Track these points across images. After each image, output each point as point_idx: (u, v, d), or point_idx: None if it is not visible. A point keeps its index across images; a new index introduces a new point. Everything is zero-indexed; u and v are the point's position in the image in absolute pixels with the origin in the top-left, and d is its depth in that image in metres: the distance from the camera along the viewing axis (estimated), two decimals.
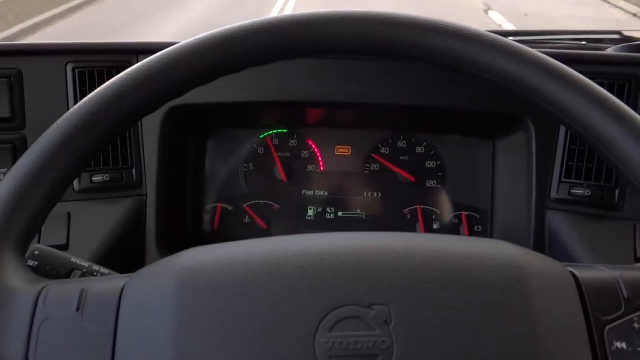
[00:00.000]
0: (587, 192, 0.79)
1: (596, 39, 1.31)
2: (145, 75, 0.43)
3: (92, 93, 0.43)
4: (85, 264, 0.46)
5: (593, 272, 0.39)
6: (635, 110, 0.43)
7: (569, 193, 0.80)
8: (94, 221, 0.80)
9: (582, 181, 0.80)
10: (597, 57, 0.83)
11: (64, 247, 0.76)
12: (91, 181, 0.83)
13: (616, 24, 5.95)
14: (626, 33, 1.33)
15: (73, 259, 0.46)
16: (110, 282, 0.39)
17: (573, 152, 0.81)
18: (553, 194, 0.81)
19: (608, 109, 0.43)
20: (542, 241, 0.82)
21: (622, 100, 0.78)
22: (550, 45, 1.23)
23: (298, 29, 0.45)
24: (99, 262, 0.71)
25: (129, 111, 0.43)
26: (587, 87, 0.43)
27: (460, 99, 0.84)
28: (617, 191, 0.79)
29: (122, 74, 0.43)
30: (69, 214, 0.80)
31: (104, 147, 0.44)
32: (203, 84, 0.45)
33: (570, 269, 0.39)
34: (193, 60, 0.43)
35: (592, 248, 0.76)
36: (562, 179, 0.81)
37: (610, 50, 0.93)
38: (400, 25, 0.45)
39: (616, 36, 1.33)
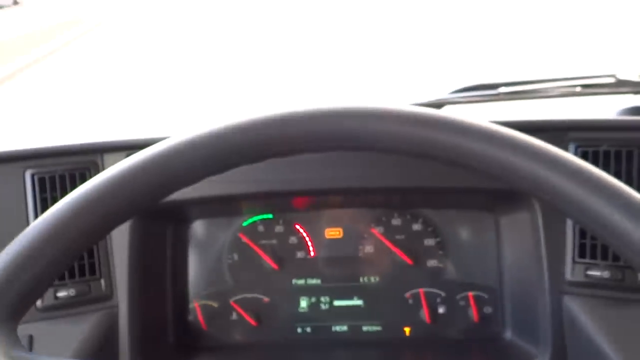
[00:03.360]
0: (606, 274, 0.71)
1: (590, 85, 1.26)
2: (126, 177, 0.42)
3: (71, 195, 0.42)
4: None
5: None
6: None
7: (585, 275, 0.72)
8: (58, 344, 0.72)
9: (598, 261, 0.72)
10: (602, 123, 0.77)
11: None
12: (55, 297, 0.75)
13: None
14: (620, 77, 1.28)
15: None
16: None
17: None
18: (568, 276, 0.74)
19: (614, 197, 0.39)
20: (561, 329, 0.73)
21: (630, 168, 0.72)
22: (543, 93, 1.18)
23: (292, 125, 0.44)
24: None
25: (112, 214, 0.42)
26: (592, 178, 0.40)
27: (455, 179, 0.77)
28: None
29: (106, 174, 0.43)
30: (30, 337, 0.72)
31: (77, 256, 0.42)
32: (193, 184, 0.44)
33: None
34: (181, 161, 0.43)
35: (617, 339, 0.67)
36: (576, 259, 0.73)
37: (616, 114, 0.87)
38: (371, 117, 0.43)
39: (611, 80, 1.27)
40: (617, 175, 0.72)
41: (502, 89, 1.16)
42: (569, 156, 0.41)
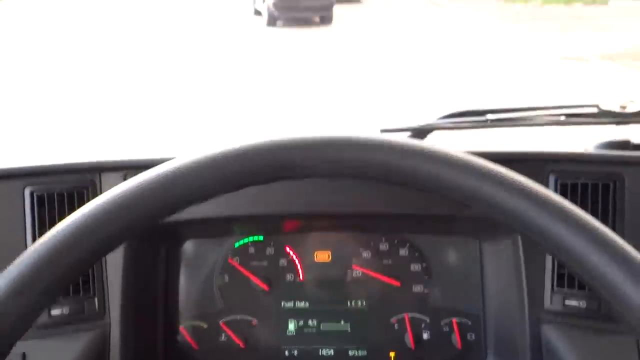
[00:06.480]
0: (583, 304, 0.73)
1: (574, 114, 1.30)
2: (125, 202, 0.42)
3: (72, 217, 0.42)
4: None
5: None
6: (619, 211, 0.37)
7: (563, 305, 0.75)
8: None
9: (576, 290, 0.75)
10: (581, 156, 0.80)
11: None
12: (49, 315, 0.76)
13: None
14: (603, 107, 1.31)
15: None
16: None
17: None
18: (547, 304, 0.76)
19: (608, 248, 0.38)
20: (540, 358, 0.76)
21: (607, 201, 0.75)
22: (528, 122, 1.21)
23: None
24: None
25: (108, 239, 0.42)
26: (584, 224, 0.38)
27: (441, 205, 0.79)
28: None
29: (111, 193, 0.42)
30: (24, 354, 0.73)
31: (77, 277, 0.43)
32: (193, 204, 0.45)
33: None
34: (181, 183, 0.43)
35: None
36: (555, 289, 0.76)
37: (593, 148, 0.90)
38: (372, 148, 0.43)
39: (594, 110, 1.31)
40: (594, 207, 0.76)
41: (490, 116, 1.20)
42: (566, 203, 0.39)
